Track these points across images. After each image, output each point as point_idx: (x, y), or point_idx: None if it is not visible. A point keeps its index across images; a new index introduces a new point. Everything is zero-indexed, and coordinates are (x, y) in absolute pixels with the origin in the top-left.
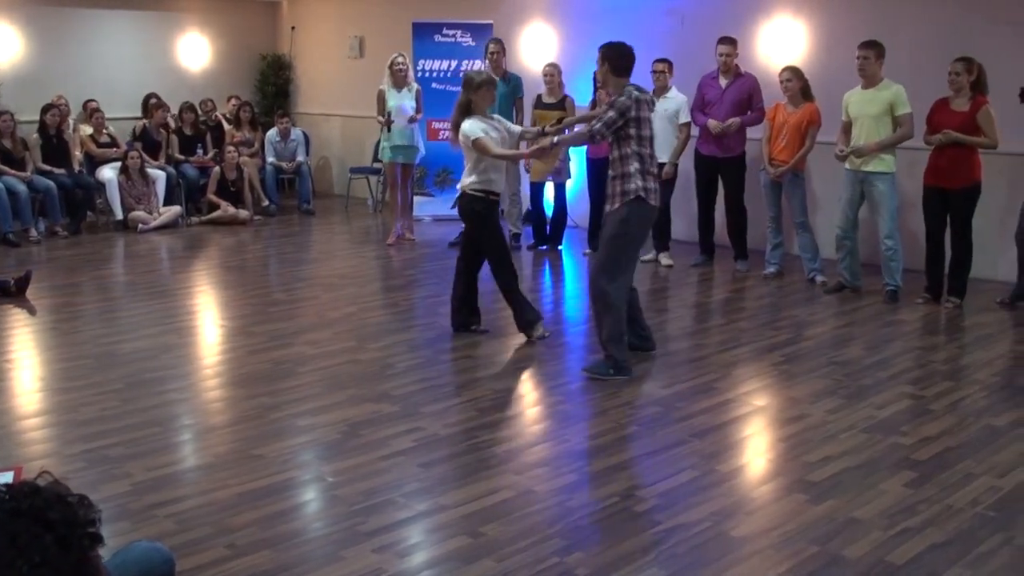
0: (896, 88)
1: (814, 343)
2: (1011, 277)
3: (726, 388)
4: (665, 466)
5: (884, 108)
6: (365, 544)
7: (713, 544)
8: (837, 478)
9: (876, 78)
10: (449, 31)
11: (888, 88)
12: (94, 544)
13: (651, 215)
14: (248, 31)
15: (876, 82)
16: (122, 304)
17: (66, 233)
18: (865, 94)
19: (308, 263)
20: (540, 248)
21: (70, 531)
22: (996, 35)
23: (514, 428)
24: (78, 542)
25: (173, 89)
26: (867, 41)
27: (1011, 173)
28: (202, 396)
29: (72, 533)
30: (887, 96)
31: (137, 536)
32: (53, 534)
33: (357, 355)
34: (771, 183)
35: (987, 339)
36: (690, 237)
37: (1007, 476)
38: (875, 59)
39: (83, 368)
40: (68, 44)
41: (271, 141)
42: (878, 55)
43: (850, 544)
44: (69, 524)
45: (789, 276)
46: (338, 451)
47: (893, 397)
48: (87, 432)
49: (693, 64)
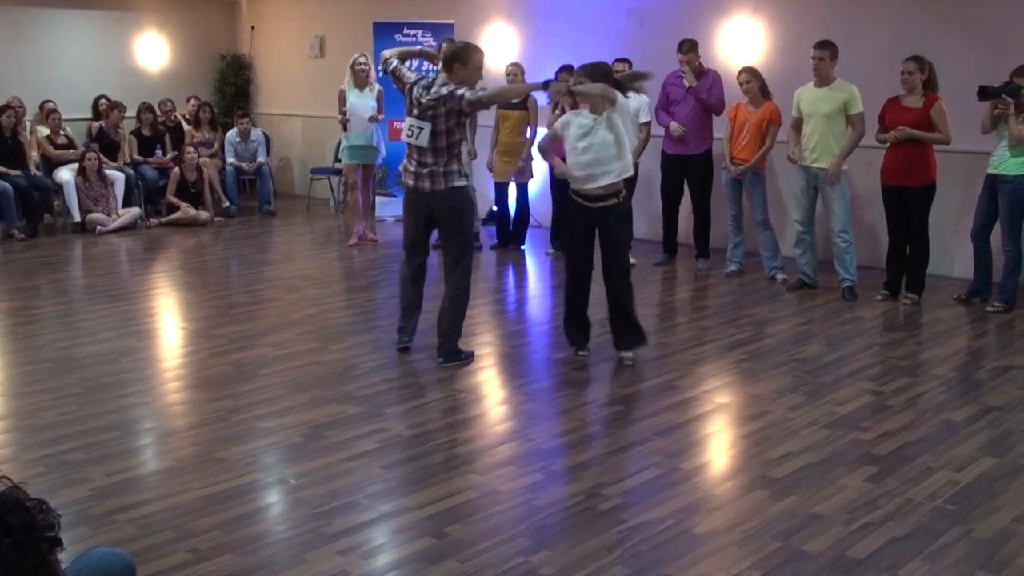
0: (851, 88)
1: (775, 340)
2: (967, 274)
3: (688, 386)
4: (629, 464)
5: (838, 107)
6: (329, 546)
7: (677, 541)
8: (798, 474)
9: (830, 78)
10: (410, 31)
11: (844, 89)
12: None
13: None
14: (207, 31)
15: (830, 82)
16: (80, 307)
17: (23, 236)
18: (818, 92)
19: (270, 264)
20: (503, 248)
21: (28, 535)
22: (947, 35)
23: (478, 428)
24: (36, 546)
25: (131, 89)
26: (822, 41)
27: (966, 171)
28: (163, 399)
29: (30, 537)
30: (842, 96)
31: (97, 542)
32: (11, 538)
33: (320, 357)
34: (732, 182)
35: (945, 335)
36: (652, 236)
37: (965, 470)
38: (829, 59)
39: (41, 372)
40: (23, 44)
41: (231, 142)
42: (832, 55)
43: (811, 539)
44: (27, 528)
45: (750, 274)
46: (301, 453)
47: (853, 393)
48: (45, 437)
49: (654, 64)
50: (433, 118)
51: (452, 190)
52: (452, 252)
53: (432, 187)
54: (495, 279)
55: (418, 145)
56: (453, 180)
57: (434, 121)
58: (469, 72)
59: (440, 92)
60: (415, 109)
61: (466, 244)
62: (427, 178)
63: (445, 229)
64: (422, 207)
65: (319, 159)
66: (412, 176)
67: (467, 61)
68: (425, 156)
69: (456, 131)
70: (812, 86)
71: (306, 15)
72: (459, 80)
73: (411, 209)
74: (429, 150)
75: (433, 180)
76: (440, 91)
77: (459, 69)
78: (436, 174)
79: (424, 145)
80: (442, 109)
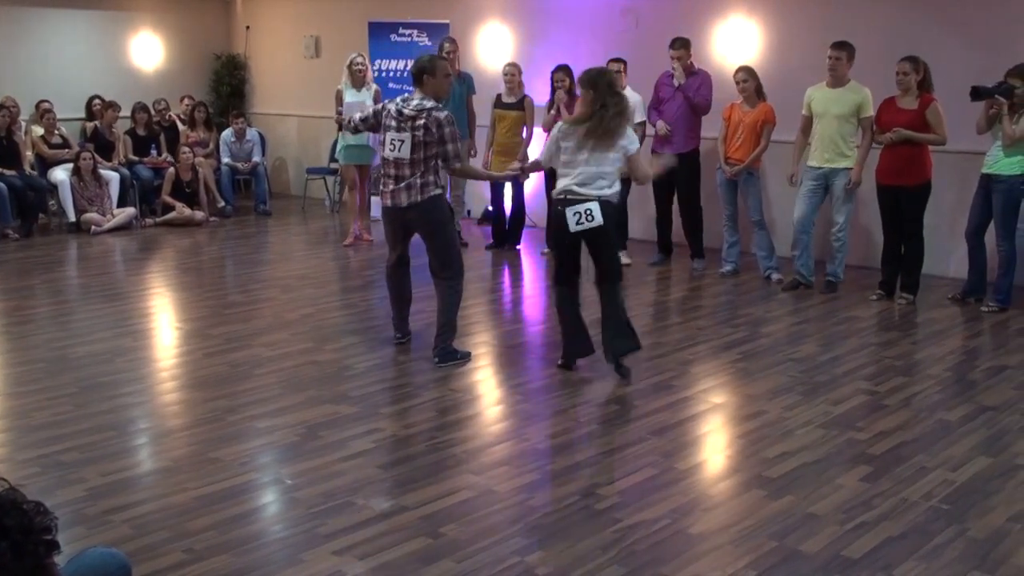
0: (866, 92)
1: (771, 340)
2: (962, 274)
3: (684, 386)
4: (624, 464)
5: (851, 109)
6: (325, 546)
7: (672, 541)
8: (794, 474)
9: (844, 79)
10: (405, 31)
11: (857, 91)
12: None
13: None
14: (202, 30)
15: (844, 82)
16: (76, 307)
17: (17, 236)
18: (831, 92)
19: (265, 264)
20: (499, 247)
21: (25, 538)
22: (942, 36)
23: (474, 428)
24: (33, 549)
25: (126, 89)
26: (839, 42)
27: (961, 171)
28: (158, 399)
29: (27, 540)
30: (856, 99)
31: (92, 542)
32: (8, 540)
33: (315, 356)
34: (727, 182)
35: (939, 335)
36: (648, 236)
37: (960, 469)
38: (847, 60)
39: (36, 372)
40: (18, 44)
41: (226, 142)
42: (850, 56)
43: (807, 539)
44: (24, 531)
45: (745, 274)
46: (297, 453)
47: (849, 393)
48: (40, 437)
49: (648, 64)
50: (413, 129)
51: (428, 199)
52: (439, 256)
53: (409, 200)
54: (491, 279)
55: (398, 158)
56: (430, 191)
57: (414, 132)
58: (439, 81)
59: (424, 104)
60: (394, 121)
61: (449, 246)
62: (404, 192)
63: (427, 237)
64: (398, 222)
65: (314, 159)
66: (389, 195)
67: (435, 71)
68: (403, 169)
69: (434, 145)
70: (825, 86)
71: (301, 15)
72: (432, 91)
73: (389, 222)
74: (407, 162)
75: (410, 192)
76: (424, 103)
77: (429, 80)
78: (413, 186)
79: (405, 157)
80: (422, 121)
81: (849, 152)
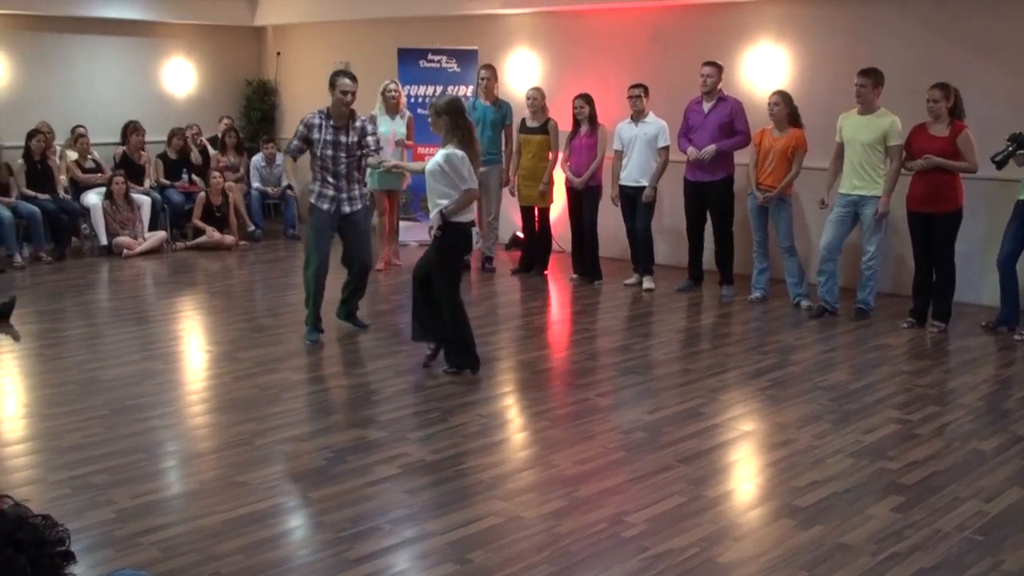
0: (892, 119)
1: (800, 368)
2: (995, 302)
3: (713, 413)
4: (653, 491)
5: (878, 136)
6: (351, 571)
7: (701, 570)
8: (825, 503)
9: (873, 105)
10: (434, 57)
11: (885, 117)
12: (66, 562)
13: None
14: (233, 57)
15: (873, 109)
16: (107, 330)
17: (50, 258)
18: (860, 120)
19: (294, 288)
20: (526, 273)
21: (40, 551)
22: (973, 62)
23: (501, 454)
24: (50, 561)
25: (158, 115)
26: (866, 69)
27: (993, 199)
28: (187, 422)
29: (43, 552)
30: (883, 125)
31: (121, 564)
32: (25, 555)
33: (343, 381)
34: (758, 208)
35: (972, 363)
36: (674, 261)
37: (994, 500)
38: (872, 87)
39: (67, 394)
40: (54, 70)
41: (256, 167)
42: (875, 83)
43: (838, 569)
44: (38, 544)
45: (775, 301)
46: (324, 477)
47: (880, 422)
48: (71, 459)
49: (677, 91)
50: (360, 146)
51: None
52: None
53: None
54: (519, 304)
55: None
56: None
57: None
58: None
59: (363, 119)
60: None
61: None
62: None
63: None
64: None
65: None
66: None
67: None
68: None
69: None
70: (855, 113)
71: (331, 41)
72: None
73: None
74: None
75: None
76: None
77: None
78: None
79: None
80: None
81: (879, 179)
